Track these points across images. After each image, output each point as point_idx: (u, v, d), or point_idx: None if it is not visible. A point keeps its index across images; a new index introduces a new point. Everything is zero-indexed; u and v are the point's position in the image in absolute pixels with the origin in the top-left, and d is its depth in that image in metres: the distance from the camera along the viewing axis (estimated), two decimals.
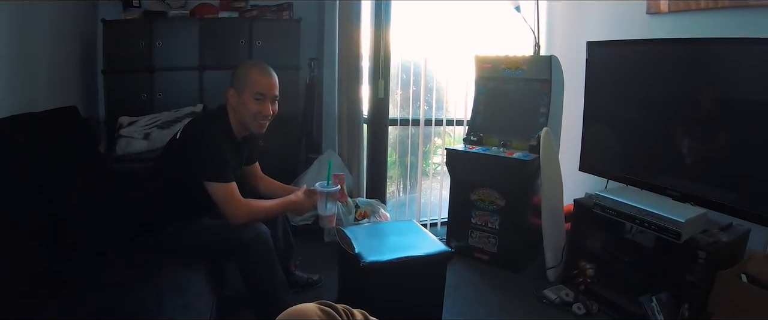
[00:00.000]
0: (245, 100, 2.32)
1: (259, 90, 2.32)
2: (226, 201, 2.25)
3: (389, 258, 2.45)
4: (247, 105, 2.32)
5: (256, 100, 2.32)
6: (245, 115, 2.35)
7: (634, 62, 3.07)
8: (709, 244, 2.48)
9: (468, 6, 4.25)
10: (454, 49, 4.29)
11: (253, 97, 2.31)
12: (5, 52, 2.40)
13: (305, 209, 2.52)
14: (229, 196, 2.25)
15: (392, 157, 4.42)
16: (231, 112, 2.39)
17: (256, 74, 2.35)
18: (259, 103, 2.33)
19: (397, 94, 4.26)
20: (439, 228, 4.33)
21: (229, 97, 2.36)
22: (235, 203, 2.26)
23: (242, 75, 2.35)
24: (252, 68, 2.38)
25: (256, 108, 2.33)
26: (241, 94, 2.32)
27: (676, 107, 2.84)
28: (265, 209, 2.39)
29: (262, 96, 2.33)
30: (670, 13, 3.21)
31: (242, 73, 2.36)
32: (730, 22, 2.84)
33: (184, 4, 3.70)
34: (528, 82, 3.66)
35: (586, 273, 3.03)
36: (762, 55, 2.42)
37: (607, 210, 2.88)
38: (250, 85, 2.32)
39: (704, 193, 2.66)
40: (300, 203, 2.48)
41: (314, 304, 1.13)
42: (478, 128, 3.82)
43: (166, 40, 3.57)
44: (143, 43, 3.51)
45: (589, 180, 3.41)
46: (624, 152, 3.18)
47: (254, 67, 2.39)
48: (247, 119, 2.36)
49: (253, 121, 2.36)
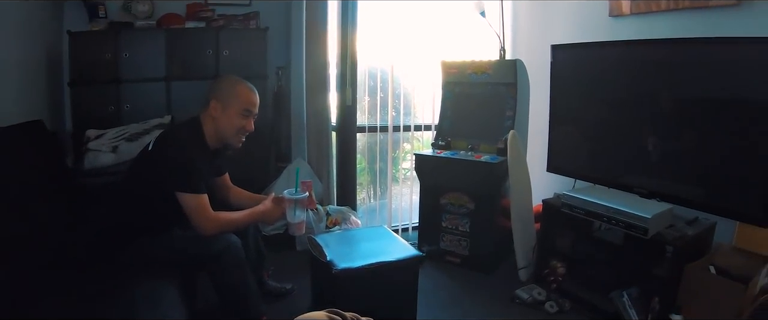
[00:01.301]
0: (231, 114, 2.32)
1: (247, 107, 2.35)
2: (196, 213, 2.20)
3: (361, 265, 2.44)
4: (232, 119, 2.32)
5: (243, 115, 2.34)
6: (228, 129, 2.35)
7: (597, 64, 3.09)
8: (676, 239, 2.49)
9: (434, 12, 4.24)
10: (420, 55, 4.27)
11: (240, 112, 2.33)
12: None
13: (274, 218, 2.46)
14: (200, 208, 2.21)
15: (361, 163, 4.38)
16: (208, 123, 2.35)
17: (244, 90, 2.36)
18: (245, 118, 2.35)
19: (365, 100, 4.22)
20: (410, 233, 4.28)
21: (210, 108, 2.33)
22: (205, 215, 2.22)
23: (229, 89, 2.35)
24: (239, 83, 2.38)
25: (242, 123, 2.35)
26: (227, 108, 2.32)
27: (640, 107, 2.85)
28: (234, 220, 2.35)
29: (249, 112, 2.36)
30: (632, 15, 3.24)
31: (229, 86, 2.36)
32: (691, 23, 2.88)
33: (150, 15, 3.61)
34: (494, 85, 3.65)
35: (557, 272, 3.04)
36: (722, 54, 2.45)
37: (575, 210, 2.89)
38: (238, 101, 2.33)
39: (670, 190, 2.68)
40: (268, 212, 2.43)
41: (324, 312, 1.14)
42: (446, 132, 3.80)
43: (133, 51, 3.45)
44: (110, 55, 3.39)
45: (557, 180, 3.41)
46: (590, 152, 3.19)
47: (241, 82, 2.39)
48: (229, 133, 2.36)
49: (235, 136, 2.37)
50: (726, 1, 2.70)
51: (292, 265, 3.33)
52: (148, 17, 3.60)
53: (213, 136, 2.37)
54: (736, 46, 2.41)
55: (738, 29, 2.57)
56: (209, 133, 2.36)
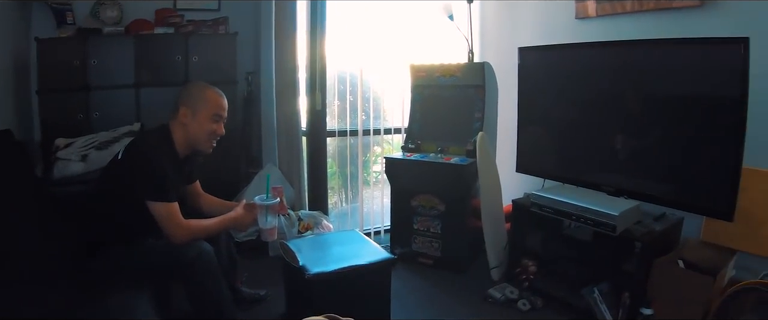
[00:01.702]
0: (201, 119, 2.30)
1: (217, 111, 2.33)
2: (167, 221, 2.16)
3: (334, 269, 2.42)
4: (203, 125, 2.30)
5: (214, 120, 2.32)
6: (199, 135, 2.32)
7: (564, 65, 3.11)
8: (644, 234, 2.52)
9: (402, 15, 4.23)
10: (389, 59, 4.26)
11: (211, 117, 2.31)
12: None
13: (246, 224, 2.43)
14: (171, 216, 2.17)
15: (332, 168, 4.35)
16: (178, 130, 2.32)
17: (214, 95, 2.35)
18: (216, 123, 2.34)
19: (335, 105, 4.19)
20: (382, 236, 4.26)
21: (180, 115, 2.30)
22: (176, 223, 2.18)
23: (198, 95, 2.33)
24: (208, 89, 2.36)
25: (213, 128, 2.33)
26: (197, 114, 2.30)
27: (606, 107, 2.88)
28: (206, 227, 2.31)
29: (219, 117, 2.34)
30: (597, 17, 3.28)
31: (198, 92, 2.34)
32: (655, 24, 2.93)
33: (118, 21, 3.52)
34: (462, 88, 3.66)
35: (528, 271, 3.04)
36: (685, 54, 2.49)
37: (544, 209, 2.90)
38: (208, 106, 2.31)
39: (637, 187, 2.70)
40: (240, 218, 2.40)
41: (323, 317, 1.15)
42: (416, 135, 3.79)
43: (102, 57, 3.37)
44: (78, 61, 3.30)
45: (526, 180, 3.42)
46: (558, 152, 3.21)
47: (209, 88, 2.37)
48: (200, 138, 2.33)
49: (207, 141, 2.35)
50: (689, 3, 2.75)
51: (265, 271, 3.28)
52: (116, 23, 3.52)
53: (183, 143, 2.33)
54: (699, 46, 2.44)
55: (701, 29, 2.63)
56: (179, 140, 2.32)
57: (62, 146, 3.16)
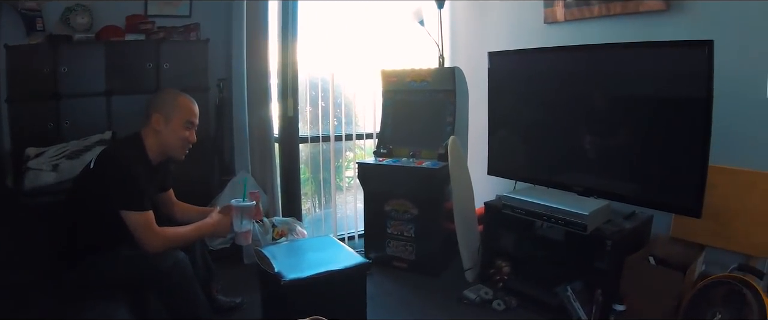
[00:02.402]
0: (174, 126, 2.28)
1: (190, 118, 2.32)
2: (142, 230, 2.11)
3: (309, 275, 2.39)
4: (176, 131, 2.29)
5: (186, 127, 2.31)
6: (172, 142, 2.30)
7: (533, 69, 3.13)
8: (614, 233, 2.54)
9: (373, 20, 4.22)
10: (360, 64, 4.23)
11: (183, 124, 2.30)
12: None
13: (223, 229, 2.38)
14: (145, 225, 2.12)
15: (305, 174, 4.29)
16: (150, 137, 2.28)
17: (186, 102, 2.34)
18: (188, 130, 2.33)
19: (307, 111, 4.14)
20: (356, 241, 4.22)
21: (153, 122, 2.26)
22: (152, 231, 2.14)
23: (169, 101, 2.31)
24: (179, 96, 2.35)
25: (185, 135, 2.31)
26: (170, 121, 2.28)
27: (574, 109, 2.91)
28: (181, 235, 2.26)
29: (191, 124, 2.33)
30: (566, 22, 3.31)
31: (169, 99, 2.32)
32: (622, 28, 2.97)
33: (89, 28, 3.42)
34: (433, 93, 3.66)
35: (502, 271, 3.04)
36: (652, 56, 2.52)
37: (516, 210, 2.91)
38: (180, 112, 2.30)
39: (607, 186, 2.73)
40: (216, 224, 2.36)
41: None
42: (388, 140, 3.77)
43: (72, 65, 3.27)
44: (48, 69, 3.20)
45: (498, 182, 3.43)
46: (529, 154, 3.22)
47: (181, 94, 2.36)
48: (173, 145, 2.31)
49: (180, 148, 2.34)
50: (655, 7, 2.79)
51: (240, 279, 3.23)
52: (87, 30, 3.41)
53: (156, 151, 2.29)
54: (665, 49, 2.47)
55: (667, 33, 2.69)
56: (151, 148, 2.28)
57: (33, 156, 3.07)
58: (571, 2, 3.24)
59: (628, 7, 2.90)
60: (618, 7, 2.95)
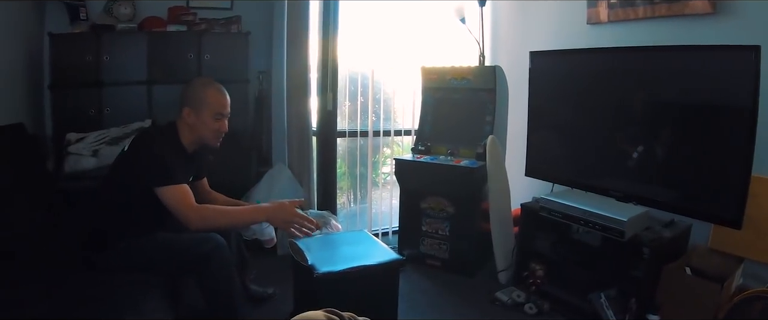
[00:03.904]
0: (204, 119, 2.31)
1: (218, 110, 2.34)
2: (178, 204, 2.14)
3: (342, 269, 2.41)
4: (206, 124, 2.32)
5: (216, 119, 2.34)
6: (204, 132, 2.35)
7: (575, 70, 3.13)
8: (653, 240, 2.53)
9: (414, 17, 4.25)
10: (400, 60, 4.28)
11: (213, 116, 2.33)
12: None
13: (280, 218, 2.31)
14: (182, 199, 2.15)
15: (342, 168, 4.37)
16: (184, 129, 2.35)
17: (214, 94, 2.34)
18: (218, 121, 2.35)
19: (346, 105, 4.21)
20: (390, 237, 4.28)
21: (184, 115, 2.32)
22: (189, 205, 2.15)
23: (199, 95, 2.33)
24: (208, 88, 2.36)
25: (216, 126, 2.35)
26: (200, 114, 2.31)
27: (616, 112, 2.89)
28: (224, 213, 2.26)
29: (221, 115, 2.35)
30: (609, 23, 3.28)
31: (198, 92, 2.34)
32: (667, 30, 2.92)
33: (132, 18, 3.56)
34: (473, 91, 3.67)
35: (536, 274, 3.05)
36: (696, 60, 2.50)
37: (553, 213, 2.91)
38: (209, 106, 2.32)
39: (646, 193, 2.71)
40: (272, 210, 2.31)
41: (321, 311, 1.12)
42: (426, 137, 3.81)
43: (115, 54, 3.40)
44: (91, 58, 3.33)
45: (535, 184, 3.44)
46: (568, 156, 3.22)
47: (210, 86, 2.37)
48: (206, 136, 2.36)
49: (213, 139, 2.38)
50: (702, 9, 2.75)
51: (273, 269, 3.30)
52: (129, 20, 3.55)
53: (189, 140, 2.36)
54: (711, 53, 2.45)
55: (713, 37, 2.62)
56: (186, 138, 2.35)
57: (74, 141, 3.19)
58: (615, 3, 3.22)
59: (674, 9, 2.87)
60: (663, 8, 2.92)
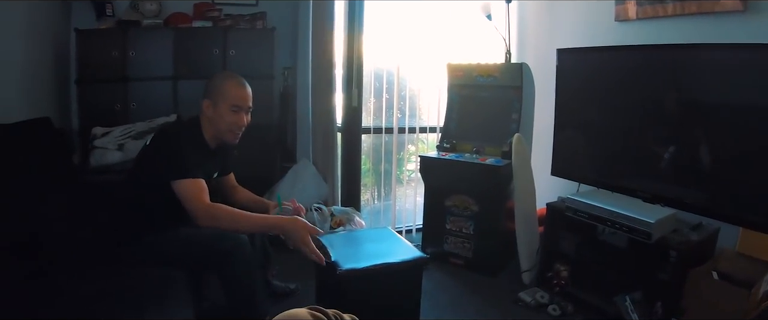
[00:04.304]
0: (221, 111, 2.31)
1: (235, 102, 2.33)
2: (189, 199, 2.13)
3: (366, 266, 2.43)
4: (223, 116, 2.32)
5: (233, 111, 2.32)
6: (221, 126, 2.34)
7: (603, 68, 3.10)
8: (680, 243, 2.50)
9: (440, 14, 4.25)
10: (426, 57, 4.29)
11: (229, 108, 2.31)
12: None
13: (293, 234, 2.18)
14: (192, 193, 2.14)
15: (366, 164, 4.39)
16: (205, 123, 2.37)
17: (232, 86, 2.35)
18: (235, 114, 2.34)
19: (371, 102, 4.24)
20: (414, 235, 4.31)
21: (204, 107, 2.34)
22: (198, 201, 2.13)
23: (218, 87, 2.34)
24: (227, 80, 2.37)
25: (232, 119, 2.33)
26: (217, 106, 2.32)
27: (644, 111, 2.86)
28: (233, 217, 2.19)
29: (238, 108, 2.34)
30: (638, 20, 3.25)
31: (218, 84, 2.35)
32: (697, 28, 2.88)
33: (157, 14, 3.64)
34: (500, 89, 3.67)
35: (560, 275, 3.04)
36: (726, 59, 2.46)
37: (578, 213, 2.90)
38: (226, 98, 2.32)
39: (673, 194, 2.68)
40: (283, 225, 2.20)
41: (305, 309, 1.12)
42: (451, 135, 3.82)
43: (140, 49, 3.47)
44: (117, 53, 3.41)
45: (561, 184, 3.42)
46: (595, 156, 3.20)
47: (229, 78, 2.39)
48: (222, 129, 2.35)
49: (228, 132, 2.37)
50: (732, 7, 2.71)
51: (296, 265, 3.31)
52: (155, 16, 3.63)
53: (210, 134, 2.38)
54: (742, 52, 2.41)
55: (743, 35, 2.58)
56: (207, 132, 2.38)
57: (99, 135, 3.27)
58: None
59: (704, 7, 2.82)
60: (693, 6, 2.88)
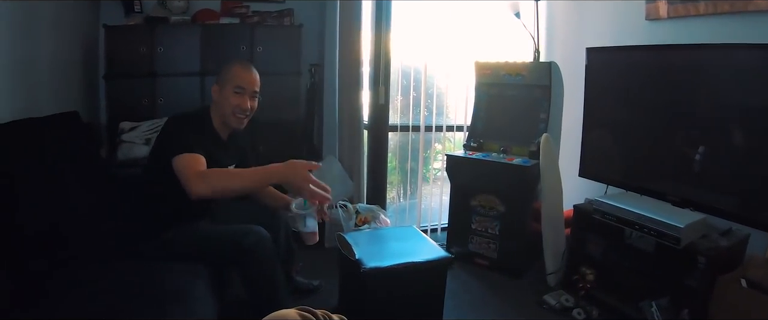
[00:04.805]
0: (226, 93, 2.37)
1: (239, 83, 2.38)
2: (184, 171, 2.10)
3: (390, 264, 2.46)
4: (227, 98, 2.37)
5: (236, 93, 2.37)
6: (225, 109, 2.39)
7: (633, 68, 3.08)
8: (709, 249, 2.47)
9: (468, 12, 4.25)
10: (454, 55, 4.29)
11: (233, 90, 2.37)
12: (7, 57, 2.41)
13: (291, 177, 2.10)
14: (188, 165, 2.11)
15: (392, 162, 4.42)
16: (213, 109, 2.45)
17: (237, 69, 2.42)
18: (239, 96, 2.38)
19: (398, 99, 4.26)
20: (439, 234, 4.32)
21: (213, 93, 2.43)
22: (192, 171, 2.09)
23: (225, 71, 2.42)
24: (234, 65, 2.44)
25: (236, 101, 2.37)
26: (223, 89, 2.39)
27: (675, 113, 2.84)
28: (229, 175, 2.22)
29: (242, 89, 2.38)
30: (669, 19, 3.20)
31: (226, 69, 2.43)
32: (729, 28, 2.83)
33: (185, 10, 3.70)
34: (528, 88, 3.67)
35: (586, 279, 3.01)
36: (760, 60, 2.42)
37: (606, 216, 2.87)
38: (231, 80, 2.38)
39: (703, 198, 2.65)
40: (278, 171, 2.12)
41: (294, 310, 1.14)
42: (479, 134, 3.83)
43: (168, 45, 3.55)
44: (145, 49, 3.49)
45: (588, 185, 3.40)
46: (623, 158, 3.18)
47: (236, 63, 2.46)
48: (226, 113, 2.40)
49: (232, 115, 2.40)
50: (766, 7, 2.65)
51: (320, 262, 3.38)
52: (183, 12, 3.70)
53: (219, 122, 2.44)
54: None
55: None
56: (216, 120, 2.44)
57: (127, 129, 3.35)
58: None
59: (737, 6, 2.77)
60: (726, 5, 2.83)
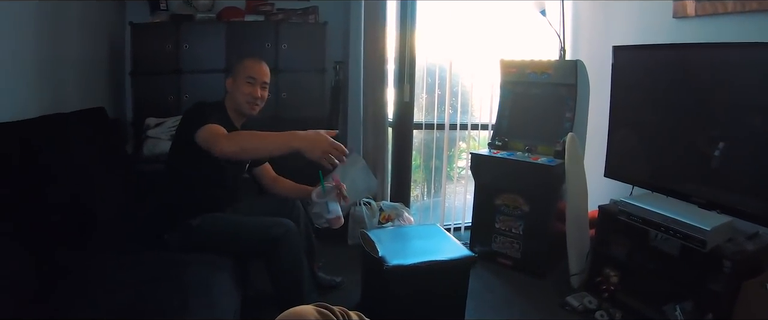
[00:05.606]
0: (239, 83, 2.54)
1: (250, 74, 2.54)
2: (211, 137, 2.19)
3: (413, 262, 2.50)
4: (240, 88, 2.53)
5: (248, 82, 2.53)
6: (238, 97, 2.54)
7: (660, 67, 3.07)
8: (735, 253, 2.46)
9: (493, 9, 4.27)
10: (479, 53, 4.31)
11: (245, 80, 2.53)
12: (35, 53, 2.51)
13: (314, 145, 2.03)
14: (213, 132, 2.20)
15: (417, 160, 4.45)
16: (228, 101, 2.59)
17: (248, 61, 2.59)
18: (250, 85, 2.53)
19: (423, 97, 4.30)
20: (462, 233, 4.35)
21: (226, 85, 2.59)
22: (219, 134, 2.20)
23: (238, 64, 2.59)
24: (246, 58, 2.62)
25: (248, 90, 2.53)
26: (236, 80, 2.55)
27: (703, 113, 2.82)
28: (256, 135, 2.22)
29: (253, 79, 2.54)
30: (696, 17, 3.19)
31: (238, 62, 2.61)
32: (758, 26, 2.81)
33: (210, 8, 3.79)
34: (554, 86, 3.67)
35: (610, 281, 3.02)
36: None
37: (632, 217, 2.87)
38: (243, 71, 2.55)
39: (730, 201, 2.63)
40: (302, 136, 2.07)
41: (311, 306, 1.17)
42: (503, 132, 3.84)
43: (193, 42, 3.64)
44: (170, 46, 3.59)
45: (614, 186, 3.39)
46: (650, 158, 3.17)
47: (248, 57, 2.63)
48: (240, 101, 2.55)
49: (245, 103, 2.55)
50: None
51: (343, 259, 3.44)
52: (208, 10, 3.79)
53: (234, 113, 2.58)
54: None
55: None
56: (231, 110, 2.58)
57: (152, 125, 3.45)
58: None
59: (765, 4, 2.75)
60: (754, 3, 2.79)
